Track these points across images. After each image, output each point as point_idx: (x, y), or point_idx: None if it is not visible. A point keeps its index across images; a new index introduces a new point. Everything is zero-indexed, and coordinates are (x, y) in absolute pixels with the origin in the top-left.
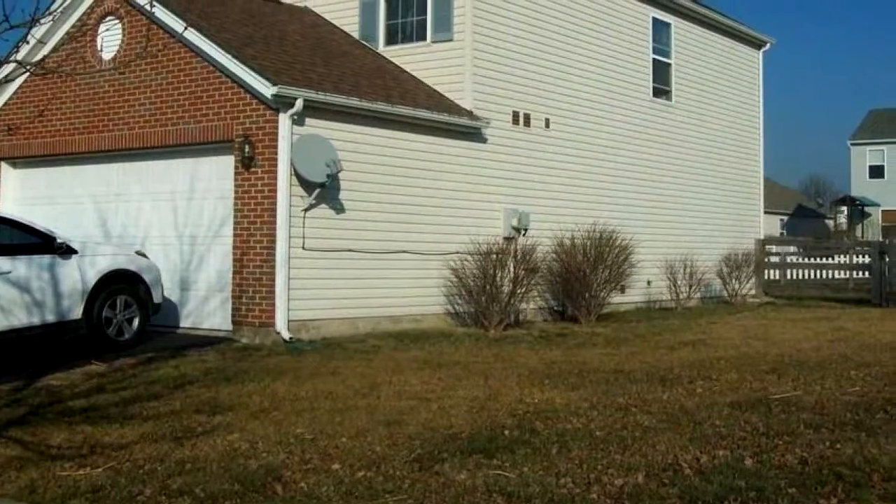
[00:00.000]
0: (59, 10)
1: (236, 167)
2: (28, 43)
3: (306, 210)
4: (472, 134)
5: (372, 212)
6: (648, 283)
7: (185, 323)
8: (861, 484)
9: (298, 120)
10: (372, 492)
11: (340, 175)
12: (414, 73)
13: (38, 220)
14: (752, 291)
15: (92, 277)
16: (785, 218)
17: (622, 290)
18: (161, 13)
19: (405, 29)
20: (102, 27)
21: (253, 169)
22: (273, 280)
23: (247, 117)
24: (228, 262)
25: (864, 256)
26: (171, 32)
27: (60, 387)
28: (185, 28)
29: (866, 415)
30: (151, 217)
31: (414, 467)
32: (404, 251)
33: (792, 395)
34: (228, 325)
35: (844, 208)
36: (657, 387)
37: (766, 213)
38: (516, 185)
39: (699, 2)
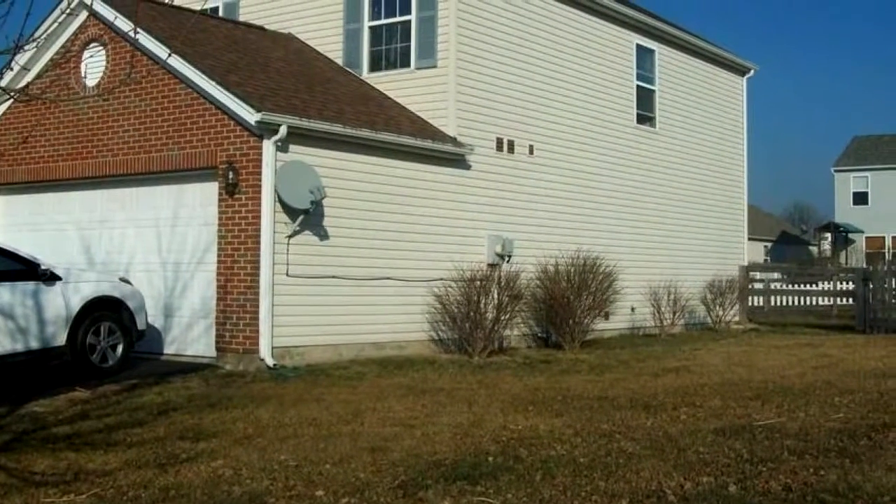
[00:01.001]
0: (43, 37)
1: (220, 194)
2: (12, 69)
3: (290, 237)
4: (456, 160)
5: (356, 238)
6: (632, 309)
7: (169, 349)
8: None
9: (282, 146)
10: None
11: (324, 202)
12: (398, 100)
13: (22, 246)
14: (736, 318)
15: (76, 304)
16: (769, 244)
17: (606, 316)
18: (145, 39)
19: (389, 56)
20: (86, 53)
21: (237, 195)
22: (257, 307)
23: (231, 144)
24: (212, 289)
25: (847, 283)
26: (155, 59)
27: (44, 413)
28: (169, 55)
29: (850, 441)
30: (135, 244)
31: (398, 494)
32: (388, 278)
33: (776, 421)
34: (212, 352)
35: (828, 235)
36: (641, 413)
37: (750, 239)
38: (500, 211)
39: (683, 28)
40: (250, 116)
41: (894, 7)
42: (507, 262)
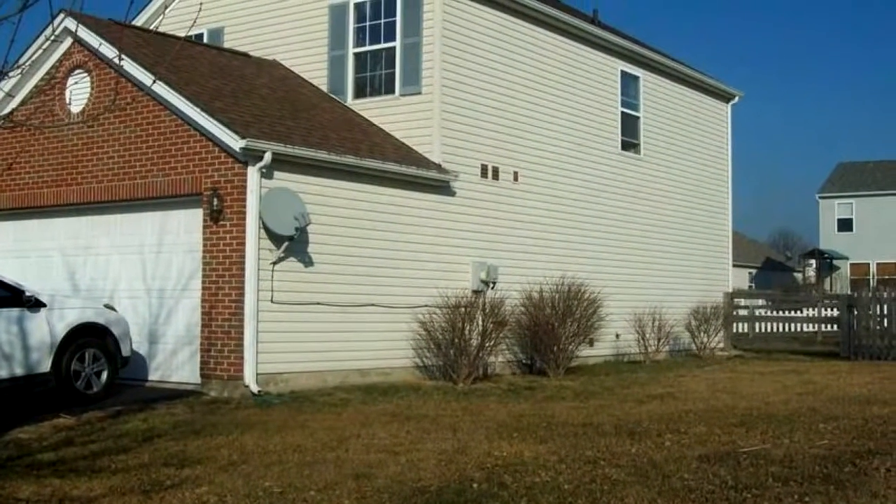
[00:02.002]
0: (27, 64)
1: (205, 220)
2: None
3: (275, 263)
4: (441, 187)
5: (340, 265)
6: (617, 336)
7: (153, 376)
8: None
9: (267, 173)
10: None
11: (309, 228)
12: (382, 127)
13: (7, 273)
14: (721, 345)
15: (60, 331)
16: (754, 271)
17: (591, 343)
18: (129, 66)
19: (374, 82)
20: (71, 80)
21: (221, 222)
22: (241, 333)
23: (215, 170)
24: (197, 316)
25: (832, 310)
26: (139, 85)
27: (29, 440)
28: (154, 81)
29: (835, 468)
30: (120, 270)
31: None
32: (373, 304)
33: (761, 448)
34: (197, 379)
35: (813, 261)
36: (626, 440)
37: (734, 266)
38: (485, 238)
39: (668, 55)
40: (235, 143)
41: (878, 34)
42: (492, 288)
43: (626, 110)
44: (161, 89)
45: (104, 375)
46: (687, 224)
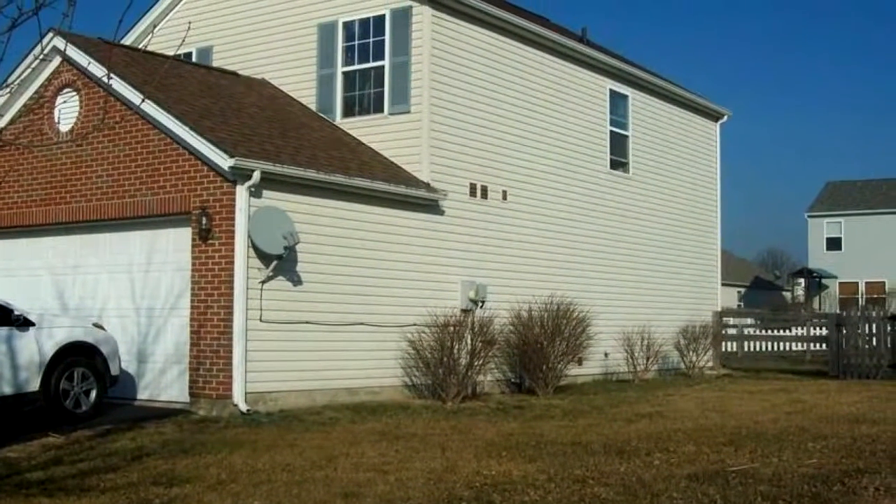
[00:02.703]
0: (16, 83)
1: (194, 239)
2: None
3: (264, 282)
4: (430, 206)
5: (329, 283)
6: (606, 355)
7: (142, 395)
8: None
9: (256, 192)
10: None
11: (298, 247)
12: (371, 145)
13: None
14: (710, 363)
15: (49, 349)
16: (742, 290)
17: (579, 362)
18: (118, 85)
19: (362, 101)
20: (60, 99)
21: (210, 241)
22: (230, 352)
23: (204, 189)
24: (186, 334)
25: (821, 328)
26: (128, 104)
27: (18, 458)
28: (143, 100)
29: (824, 487)
30: (109, 289)
31: None
32: (361, 323)
33: (749, 467)
34: (186, 397)
35: (802, 280)
36: (614, 459)
37: (723, 285)
38: (474, 256)
39: (656, 74)
40: (224, 162)
41: (866, 53)
42: (481, 307)
43: (614, 129)
44: (150, 108)
45: (93, 394)
46: (676, 243)
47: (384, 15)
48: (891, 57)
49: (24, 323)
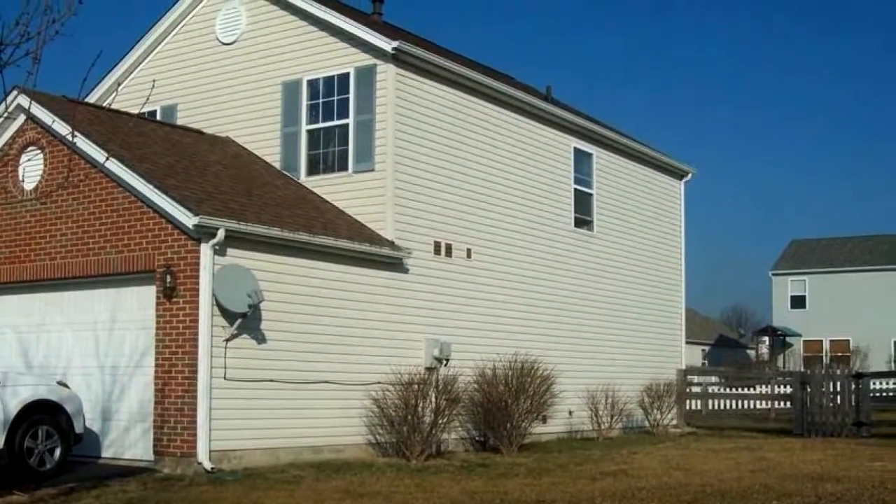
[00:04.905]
0: None
1: (158, 297)
2: None
3: (228, 340)
4: (394, 264)
5: (293, 342)
6: (570, 413)
7: (106, 453)
8: None
9: (220, 250)
10: None
11: (262, 305)
12: (336, 203)
13: None
14: (674, 421)
15: (13, 407)
16: (707, 348)
17: (544, 420)
18: (83, 143)
19: (327, 159)
20: (24, 157)
21: (175, 299)
22: (195, 410)
23: (168, 247)
24: (150, 392)
25: (785, 387)
26: (92, 162)
27: None
28: (107, 158)
29: None
30: (73, 347)
31: None
32: (326, 381)
33: None
34: (150, 455)
35: (766, 338)
36: None
37: (687, 343)
38: (438, 315)
39: (621, 132)
40: (188, 220)
41: (831, 111)
42: (445, 365)
43: (579, 187)
44: (114, 166)
45: (57, 452)
46: (640, 301)
47: (348, 73)
48: (856, 114)
49: None
